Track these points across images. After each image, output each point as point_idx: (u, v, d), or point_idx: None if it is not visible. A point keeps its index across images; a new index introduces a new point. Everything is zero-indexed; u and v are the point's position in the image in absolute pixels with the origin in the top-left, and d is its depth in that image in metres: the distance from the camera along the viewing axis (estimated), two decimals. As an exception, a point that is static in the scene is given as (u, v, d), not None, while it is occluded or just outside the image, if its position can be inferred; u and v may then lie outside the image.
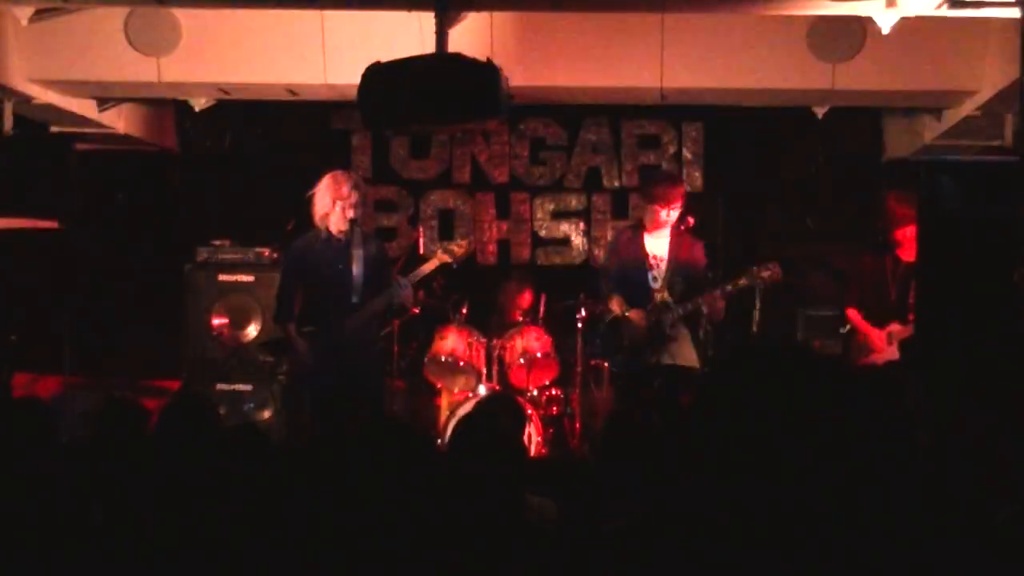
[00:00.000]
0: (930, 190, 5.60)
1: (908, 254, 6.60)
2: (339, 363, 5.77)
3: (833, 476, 1.51)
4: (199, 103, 7.57)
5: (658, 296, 6.18)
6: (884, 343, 6.72)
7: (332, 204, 5.81)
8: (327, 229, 5.85)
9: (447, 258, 6.33)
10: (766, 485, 1.50)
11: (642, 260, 6.25)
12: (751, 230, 8.29)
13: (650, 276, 6.24)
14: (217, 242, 7.65)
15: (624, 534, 1.59)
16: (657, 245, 6.26)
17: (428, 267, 6.25)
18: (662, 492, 2.68)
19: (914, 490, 2.48)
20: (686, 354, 6.15)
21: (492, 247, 8.82)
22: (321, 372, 5.80)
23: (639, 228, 6.40)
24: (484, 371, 7.19)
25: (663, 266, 6.22)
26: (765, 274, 5.98)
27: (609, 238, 8.12)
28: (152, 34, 6.55)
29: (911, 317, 6.53)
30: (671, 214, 6.15)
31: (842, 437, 1.51)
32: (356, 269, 5.85)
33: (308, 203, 5.91)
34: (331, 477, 2.48)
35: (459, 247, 6.42)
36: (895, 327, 6.70)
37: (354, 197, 5.81)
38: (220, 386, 7.41)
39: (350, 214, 5.80)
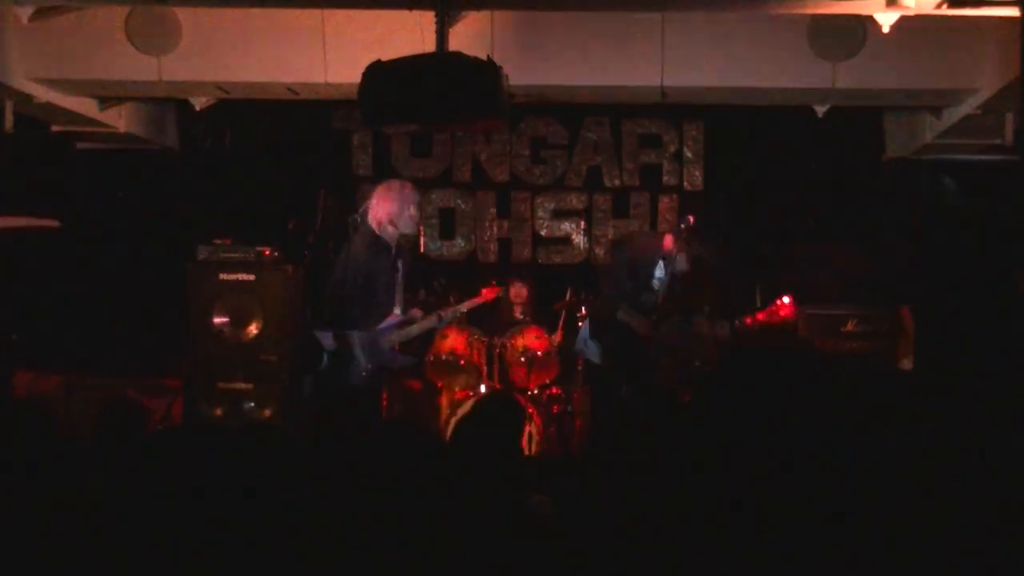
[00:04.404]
0: (931, 189, 5.61)
1: None
2: (376, 372, 5.85)
3: (833, 472, 1.51)
4: (200, 102, 7.56)
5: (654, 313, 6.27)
6: None
7: (401, 210, 5.84)
8: (385, 236, 5.85)
9: (491, 296, 6.55)
10: (766, 481, 1.50)
11: (653, 268, 6.31)
12: (751, 229, 8.29)
13: (655, 283, 6.31)
14: (218, 241, 7.64)
15: (621, 532, 1.59)
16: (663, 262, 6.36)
17: (472, 304, 6.52)
18: (659, 490, 2.68)
19: (915, 487, 2.48)
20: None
21: (493, 246, 8.83)
22: (359, 379, 5.81)
23: (658, 240, 6.41)
24: (485, 370, 7.19)
25: (663, 281, 6.32)
26: (783, 312, 6.10)
27: (617, 235, 8.17)
28: (153, 33, 6.55)
29: None
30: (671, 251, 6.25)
31: (842, 434, 1.51)
32: (400, 280, 5.92)
33: (363, 212, 5.89)
34: (335, 476, 2.48)
35: (496, 290, 6.73)
36: None
37: (419, 202, 6.01)
38: (221, 385, 7.39)
39: (411, 222, 5.90)
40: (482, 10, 6.03)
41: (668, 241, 6.22)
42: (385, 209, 5.84)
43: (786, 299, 6.20)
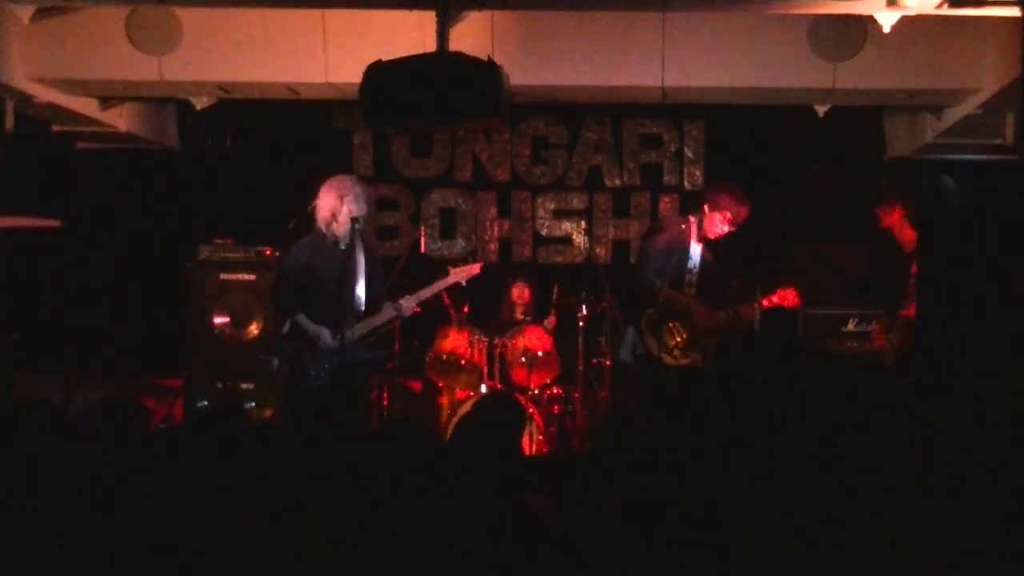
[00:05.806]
0: (931, 189, 5.59)
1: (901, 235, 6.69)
2: (336, 368, 5.72)
3: (834, 472, 1.51)
4: (200, 102, 7.56)
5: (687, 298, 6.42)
6: None
7: (339, 201, 5.78)
8: (332, 233, 5.82)
9: (458, 279, 6.33)
10: (767, 481, 1.50)
11: (687, 257, 6.38)
12: (752, 228, 8.29)
13: (687, 278, 6.38)
14: (219, 240, 7.65)
15: (621, 532, 1.59)
16: (695, 248, 6.42)
17: (437, 286, 6.25)
18: (660, 490, 2.68)
19: (911, 489, 2.48)
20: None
21: (493, 246, 8.83)
22: (318, 374, 5.76)
23: (687, 227, 6.47)
24: (485, 370, 7.19)
25: (696, 269, 6.39)
26: (789, 300, 6.38)
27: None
28: (153, 33, 6.55)
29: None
30: (724, 228, 6.31)
31: (842, 434, 1.51)
32: (360, 277, 5.85)
33: (311, 211, 5.89)
34: (335, 476, 2.48)
35: (467, 270, 6.40)
36: None
37: (357, 191, 5.81)
38: (221, 385, 7.41)
39: (354, 210, 5.77)
40: (483, 10, 6.03)
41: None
42: (327, 206, 5.82)
43: (790, 290, 6.34)
